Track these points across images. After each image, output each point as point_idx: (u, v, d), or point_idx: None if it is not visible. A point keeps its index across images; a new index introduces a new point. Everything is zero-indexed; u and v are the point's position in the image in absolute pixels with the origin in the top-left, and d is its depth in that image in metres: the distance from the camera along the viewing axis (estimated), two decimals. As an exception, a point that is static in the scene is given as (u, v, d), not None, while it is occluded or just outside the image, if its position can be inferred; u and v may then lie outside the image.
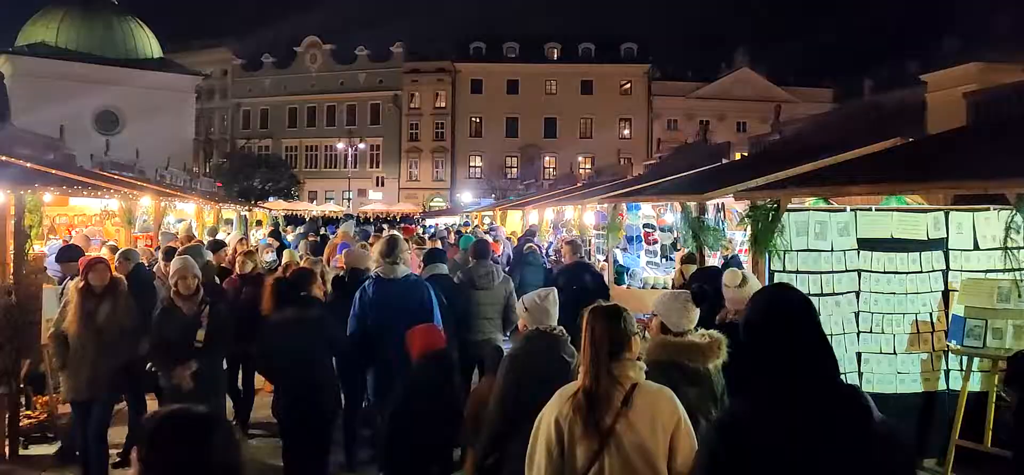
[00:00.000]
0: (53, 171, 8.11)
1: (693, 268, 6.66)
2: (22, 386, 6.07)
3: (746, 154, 17.55)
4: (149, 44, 50.97)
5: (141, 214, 10.54)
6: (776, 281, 5.12)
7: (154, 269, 7.34)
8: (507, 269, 8.45)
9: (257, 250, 9.45)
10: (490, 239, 10.20)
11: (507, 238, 13.78)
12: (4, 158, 7.69)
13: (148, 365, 5.41)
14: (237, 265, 7.22)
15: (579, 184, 26.76)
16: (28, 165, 7.90)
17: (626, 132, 55.53)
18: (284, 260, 8.27)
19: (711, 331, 3.36)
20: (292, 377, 4.79)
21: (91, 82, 43.81)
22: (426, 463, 4.02)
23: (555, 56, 56.04)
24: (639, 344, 2.80)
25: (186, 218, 12.88)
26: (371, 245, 7.70)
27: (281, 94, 58.84)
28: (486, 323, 6.30)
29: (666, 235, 10.04)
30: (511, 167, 55.55)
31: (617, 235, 9.04)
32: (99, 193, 8.84)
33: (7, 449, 5.80)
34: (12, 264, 5.89)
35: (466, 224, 20.06)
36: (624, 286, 8.84)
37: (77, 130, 34.75)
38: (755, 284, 4.34)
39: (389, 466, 4.20)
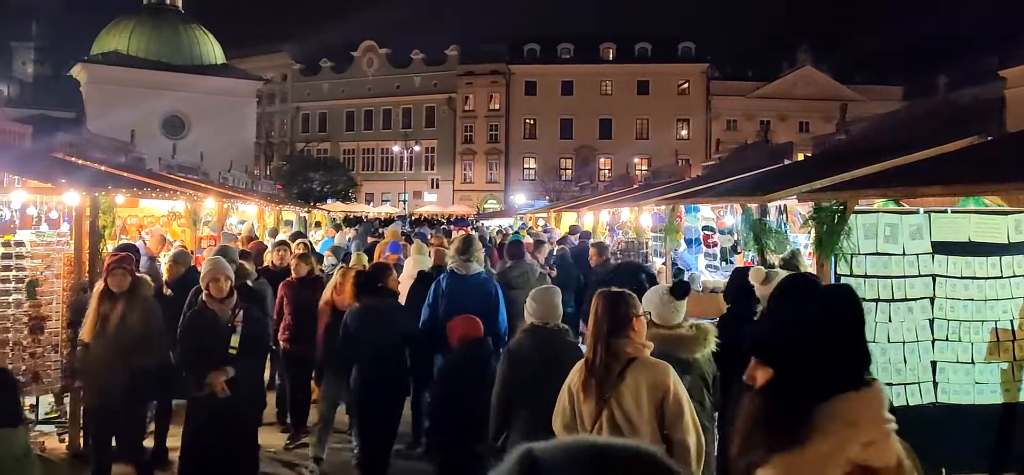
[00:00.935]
0: (125, 174, 8.47)
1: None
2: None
3: (810, 154, 17.00)
4: (213, 50, 52.78)
5: (205, 215, 10.87)
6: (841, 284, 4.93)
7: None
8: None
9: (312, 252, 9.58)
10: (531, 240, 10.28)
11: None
12: (80, 161, 8.07)
13: (181, 372, 5.05)
14: (292, 268, 7.04)
15: (635, 185, 26.37)
16: (102, 168, 8.30)
17: (684, 133, 54.60)
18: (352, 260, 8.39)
19: (698, 322, 3.73)
20: (368, 361, 5.17)
21: (159, 88, 45.65)
22: (468, 442, 4.29)
23: (610, 56, 55.49)
24: (643, 324, 3.15)
25: (248, 219, 13.25)
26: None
27: (339, 98, 60.10)
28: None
29: (726, 238, 9.81)
30: (565, 168, 55.23)
31: (675, 237, 8.87)
32: (166, 195, 9.19)
33: (81, 441, 6.05)
34: (87, 263, 6.15)
35: (523, 227, 20.04)
36: (682, 289, 8.65)
37: (146, 134, 36.14)
38: (781, 277, 4.34)
39: (434, 445, 4.59)
